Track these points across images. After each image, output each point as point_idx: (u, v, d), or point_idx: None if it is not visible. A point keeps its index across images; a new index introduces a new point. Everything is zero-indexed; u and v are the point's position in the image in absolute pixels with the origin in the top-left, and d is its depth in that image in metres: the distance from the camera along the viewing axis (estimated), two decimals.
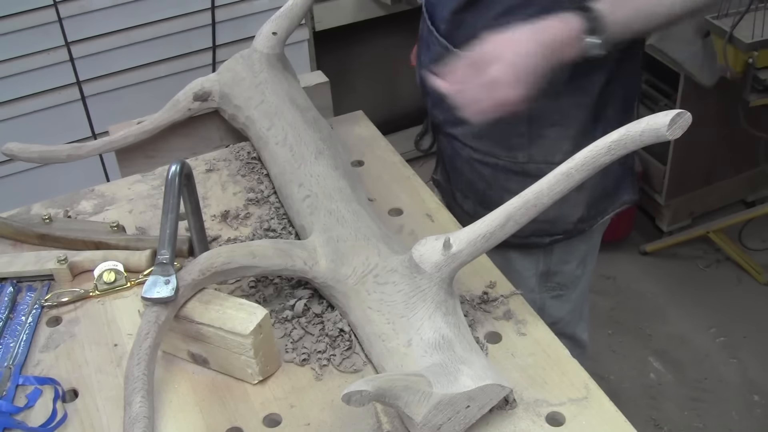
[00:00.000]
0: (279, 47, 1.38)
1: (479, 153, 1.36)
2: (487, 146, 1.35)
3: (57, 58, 2.26)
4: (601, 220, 1.40)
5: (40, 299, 1.12)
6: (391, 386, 0.83)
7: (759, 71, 2.15)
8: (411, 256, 0.96)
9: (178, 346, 1.01)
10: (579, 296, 1.53)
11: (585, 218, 1.37)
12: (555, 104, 1.26)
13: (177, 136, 1.41)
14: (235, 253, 1.01)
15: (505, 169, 1.35)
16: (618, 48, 1.11)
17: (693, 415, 2.25)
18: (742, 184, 2.86)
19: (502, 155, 1.34)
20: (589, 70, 1.22)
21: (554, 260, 1.44)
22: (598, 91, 1.26)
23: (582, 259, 1.47)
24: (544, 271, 1.45)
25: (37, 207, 1.32)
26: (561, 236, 1.39)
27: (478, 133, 1.34)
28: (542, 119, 1.28)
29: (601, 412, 0.91)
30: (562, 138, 1.29)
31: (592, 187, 1.33)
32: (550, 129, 1.29)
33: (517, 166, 1.33)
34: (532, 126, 1.29)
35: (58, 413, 0.95)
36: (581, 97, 1.26)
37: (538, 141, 1.30)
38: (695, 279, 2.69)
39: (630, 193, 1.42)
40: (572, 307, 1.52)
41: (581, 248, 1.45)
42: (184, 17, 2.38)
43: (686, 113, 0.84)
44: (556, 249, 1.42)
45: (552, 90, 1.16)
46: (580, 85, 1.23)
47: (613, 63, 1.23)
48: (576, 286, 1.50)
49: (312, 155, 1.19)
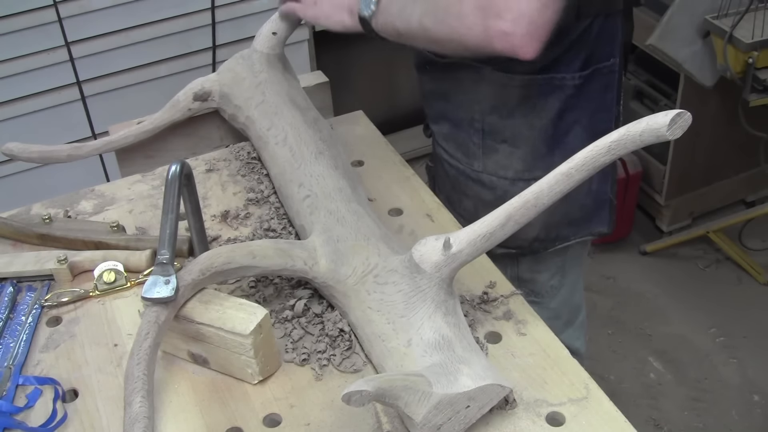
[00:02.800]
0: (279, 47, 1.38)
1: (447, 154, 1.38)
2: (451, 148, 1.37)
3: (57, 58, 2.26)
4: (561, 245, 1.38)
5: (40, 299, 1.12)
6: (391, 386, 0.83)
7: (759, 71, 2.15)
8: (411, 256, 0.96)
9: (178, 346, 1.01)
10: (561, 304, 1.49)
11: (542, 239, 1.36)
12: (507, 122, 1.26)
13: (177, 136, 1.41)
14: (235, 253, 1.01)
15: (464, 174, 1.36)
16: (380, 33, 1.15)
17: (693, 415, 2.25)
18: (742, 184, 2.86)
19: (462, 160, 1.35)
20: (543, 93, 1.22)
21: (523, 269, 1.42)
22: (552, 115, 1.24)
23: (558, 270, 1.44)
24: (514, 277, 1.43)
25: (37, 207, 1.32)
26: (514, 251, 1.37)
27: (446, 135, 1.36)
28: (494, 134, 1.28)
29: (601, 412, 0.91)
30: (512, 156, 1.29)
31: (550, 211, 1.31)
32: (501, 144, 1.29)
33: (474, 174, 1.34)
34: (485, 139, 1.30)
35: (58, 413, 0.95)
36: (534, 119, 1.25)
37: (490, 154, 1.31)
38: (695, 279, 2.69)
39: (603, 226, 1.39)
40: (553, 314, 1.48)
41: (555, 261, 1.42)
42: (184, 17, 2.38)
43: (686, 113, 0.84)
44: (522, 260, 1.41)
45: (504, 107, 1.21)
46: (532, 106, 1.23)
47: (571, 89, 1.22)
48: (553, 296, 1.47)
49: (312, 155, 1.19)
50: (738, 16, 2.13)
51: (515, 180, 1.30)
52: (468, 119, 1.29)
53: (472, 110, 1.28)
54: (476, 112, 1.27)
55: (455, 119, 1.32)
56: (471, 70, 1.24)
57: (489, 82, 1.24)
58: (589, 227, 1.38)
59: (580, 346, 1.60)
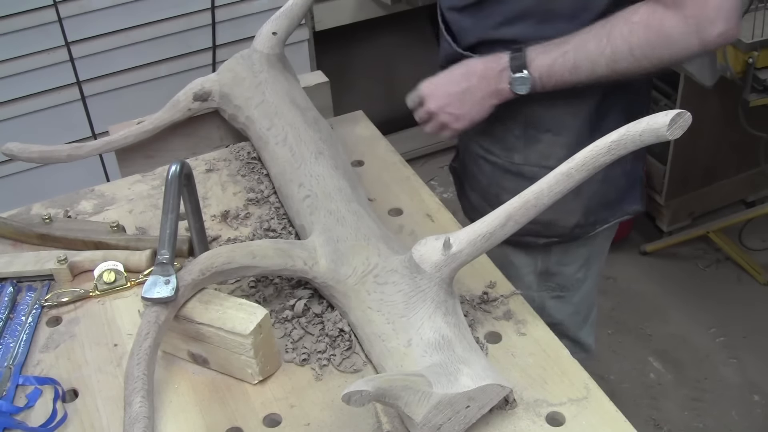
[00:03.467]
0: (279, 47, 1.38)
1: (482, 149, 1.38)
2: (488, 143, 1.36)
3: (57, 58, 2.26)
4: (600, 228, 1.39)
5: (40, 299, 1.12)
6: (391, 386, 0.83)
7: (759, 71, 2.15)
8: (411, 256, 0.96)
9: (178, 346, 1.01)
10: (582, 299, 1.52)
11: (582, 224, 1.37)
12: (550, 111, 1.27)
13: (177, 136, 1.41)
14: (235, 253, 1.01)
15: (503, 168, 1.36)
16: (547, 90, 1.20)
17: (693, 415, 2.25)
18: (742, 184, 2.86)
19: (500, 154, 1.35)
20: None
21: (553, 261, 1.44)
22: (595, 101, 1.26)
23: (584, 262, 1.46)
24: (543, 271, 1.45)
25: (37, 207, 1.32)
26: (556, 239, 1.39)
27: (482, 131, 1.35)
28: (537, 124, 1.29)
29: (601, 412, 0.91)
30: (556, 144, 1.29)
31: (589, 195, 1.33)
32: (544, 134, 1.30)
33: (514, 167, 1.34)
34: (528, 130, 1.30)
35: (58, 413, 0.95)
36: (577, 106, 1.26)
37: (532, 145, 1.31)
38: (695, 279, 2.69)
39: (636, 204, 1.41)
40: (574, 309, 1.51)
41: (582, 252, 1.44)
42: (184, 17, 2.38)
43: (686, 113, 0.84)
44: (555, 250, 1.42)
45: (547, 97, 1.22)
46: (576, 93, 1.24)
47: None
48: (578, 289, 1.49)
49: (312, 155, 1.19)
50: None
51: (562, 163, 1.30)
52: (508, 113, 1.28)
53: (514, 102, 1.27)
54: (518, 104, 1.27)
55: (492, 114, 1.31)
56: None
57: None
58: (624, 207, 1.40)
59: (592, 342, 1.61)
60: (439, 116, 1.28)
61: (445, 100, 1.26)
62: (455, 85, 1.25)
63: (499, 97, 1.23)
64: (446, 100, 1.26)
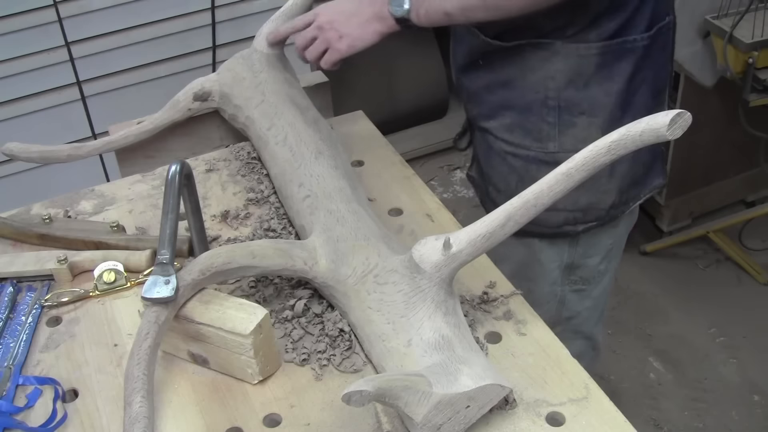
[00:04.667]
0: (279, 47, 1.38)
1: (511, 145, 1.36)
2: (518, 138, 1.35)
3: (57, 58, 2.26)
4: (633, 205, 1.41)
5: (40, 299, 1.12)
6: (391, 386, 0.83)
7: (759, 71, 2.15)
8: (411, 256, 0.96)
9: (178, 346, 1.01)
10: (600, 293, 1.53)
11: (617, 204, 1.38)
12: (583, 93, 1.27)
13: (177, 136, 1.41)
14: (235, 253, 1.01)
15: (537, 160, 1.35)
16: (422, 22, 1.21)
17: (693, 415, 2.25)
18: (742, 184, 2.86)
19: (533, 146, 1.34)
20: (616, 58, 1.24)
21: (579, 252, 1.44)
22: (626, 79, 1.27)
23: (606, 253, 1.47)
24: (569, 264, 1.45)
25: (37, 207, 1.32)
26: (594, 223, 1.39)
27: (509, 125, 1.35)
28: (571, 108, 1.29)
29: (601, 412, 0.91)
30: (591, 126, 1.29)
31: (622, 175, 1.35)
32: (579, 117, 1.29)
33: (549, 156, 1.33)
34: (562, 115, 1.30)
35: (58, 413, 0.95)
36: (609, 85, 1.27)
37: (567, 130, 1.31)
38: (695, 279, 2.69)
39: (660, 177, 1.44)
40: (593, 303, 1.52)
41: (607, 242, 1.45)
42: (184, 17, 2.38)
43: (686, 113, 0.84)
44: (582, 241, 1.42)
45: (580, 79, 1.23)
46: (607, 74, 1.25)
47: (641, 50, 1.25)
48: (599, 282, 1.50)
49: (312, 155, 1.19)
50: (738, 16, 2.13)
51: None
52: (540, 99, 1.28)
53: (546, 89, 1.27)
54: (550, 90, 1.27)
55: (522, 105, 1.31)
56: (540, 48, 1.25)
57: (563, 56, 1.24)
58: (650, 182, 1.42)
59: (602, 339, 1.62)
60: (325, 32, 1.29)
61: (334, 17, 1.28)
62: (346, 4, 1.29)
63: (381, 20, 1.25)
64: (335, 17, 1.28)
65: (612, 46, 1.23)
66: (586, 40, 1.23)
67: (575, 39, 1.23)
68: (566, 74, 1.26)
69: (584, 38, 1.22)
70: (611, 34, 1.22)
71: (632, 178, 1.37)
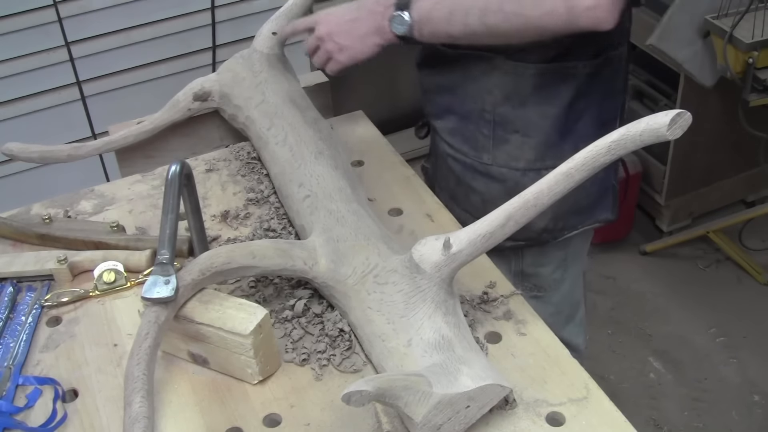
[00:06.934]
0: (279, 47, 1.39)
1: (452, 149, 1.37)
2: (458, 143, 1.36)
3: (57, 58, 2.26)
4: (569, 234, 1.38)
5: (40, 299, 1.12)
6: (391, 386, 0.83)
7: (759, 71, 2.15)
8: (411, 256, 0.96)
9: (178, 346, 1.01)
10: (563, 299, 1.50)
11: (550, 229, 1.36)
12: (519, 111, 1.27)
13: (177, 136, 1.41)
14: (235, 253, 1.01)
15: (472, 168, 1.35)
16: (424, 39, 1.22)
17: (693, 415, 2.25)
18: (742, 184, 2.86)
19: (470, 154, 1.35)
20: (556, 81, 1.23)
21: (527, 262, 1.42)
22: (565, 104, 1.25)
23: (561, 263, 1.45)
24: (518, 272, 1.43)
25: (37, 207, 1.32)
26: (523, 243, 1.37)
27: (451, 129, 1.35)
28: (505, 124, 1.28)
29: (601, 412, 0.91)
30: (524, 146, 1.29)
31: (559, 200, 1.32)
32: (512, 135, 1.29)
33: (482, 167, 1.34)
34: (496, 129, 1.29)
35: (58, 413, 0.95)
36: (546, 108, 1.26)
37: (501, 145, 1.30)
38: (695, 279, 2.69)
39: (607, 213, 1.40)
40: (554, 309, 1.49)
41: (557, 254, 1.43)
42: (184, 17, 2.38)
43: (686, 113, 0.84)
44: (527, 253, 1.41)
45: (517, 97, 1.23)
46: (546, 95, 1.23)
47: (583, 77, 1.24)
48: (557, 289, 1.48)
49: (312, 155, 1.19)
50: (738, 16, 2.13)
51: (526, 170, 1.30)
52: (478, 111, 1.29)
53: (483, 101, 1.27)
54: (487, 103, 1.27)
55: (463, 112, 1.32)
56: (482, 61, 1.25)
57: (502, 72, 1.24)
58: (594, 215, 1.39)
59: (581, 342, 1.60)
60: (326, 43, 1.29)
61: (334, 28, 1.28)
62: (346, 15, 1.28)
63: (381, 35, 1.25)
64: (335, 28, 1.28)
65: (551, 69, 1.22)
66: (525, 60, 1.22)
67: (516, 57, 1.22)
68: (503, 90, 1.26)
69: (524, 57, 1.22)
70: (552, 57, 1.21)
71: (571, 207, 1.34)
